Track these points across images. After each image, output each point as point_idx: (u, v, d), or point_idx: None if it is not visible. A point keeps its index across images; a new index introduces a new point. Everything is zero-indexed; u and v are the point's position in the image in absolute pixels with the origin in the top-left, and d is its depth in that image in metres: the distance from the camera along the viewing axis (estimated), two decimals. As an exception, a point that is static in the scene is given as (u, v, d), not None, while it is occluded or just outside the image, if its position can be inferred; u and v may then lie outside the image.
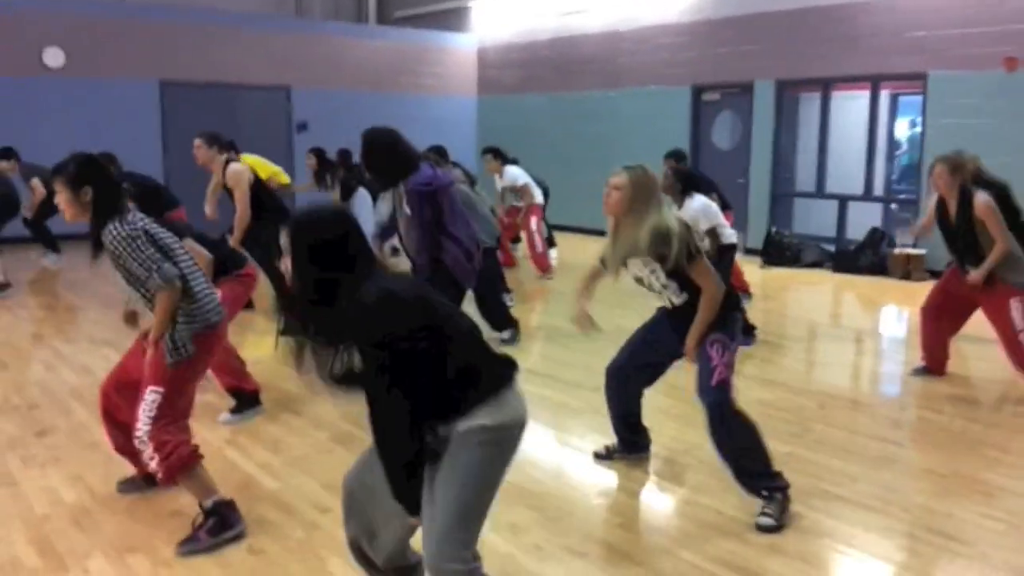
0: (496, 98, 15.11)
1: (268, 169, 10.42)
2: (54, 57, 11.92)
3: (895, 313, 8.40)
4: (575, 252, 10.72)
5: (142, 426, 3.27)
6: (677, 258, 3.45)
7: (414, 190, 4.71)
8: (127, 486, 3.84)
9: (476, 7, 15.32)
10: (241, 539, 3.34)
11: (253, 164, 10.40)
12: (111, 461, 4.00)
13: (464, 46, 15.52)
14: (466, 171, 7.67)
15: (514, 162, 9.79)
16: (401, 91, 14.71)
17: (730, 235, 6.40)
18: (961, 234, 5.21)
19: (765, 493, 3.51)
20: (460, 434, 2.35)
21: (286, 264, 2.39)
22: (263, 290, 7.52)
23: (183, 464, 3.31)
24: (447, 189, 4.88)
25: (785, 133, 11.41)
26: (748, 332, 6.59)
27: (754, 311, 7.71)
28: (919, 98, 10.17)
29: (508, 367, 2.48)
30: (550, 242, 10.60)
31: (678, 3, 12.07)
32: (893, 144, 12.39)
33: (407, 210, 4.85)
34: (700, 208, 6.20)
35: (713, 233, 6.21)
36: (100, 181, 3.29)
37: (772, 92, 11.15)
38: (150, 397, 3.28)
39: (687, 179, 6.32)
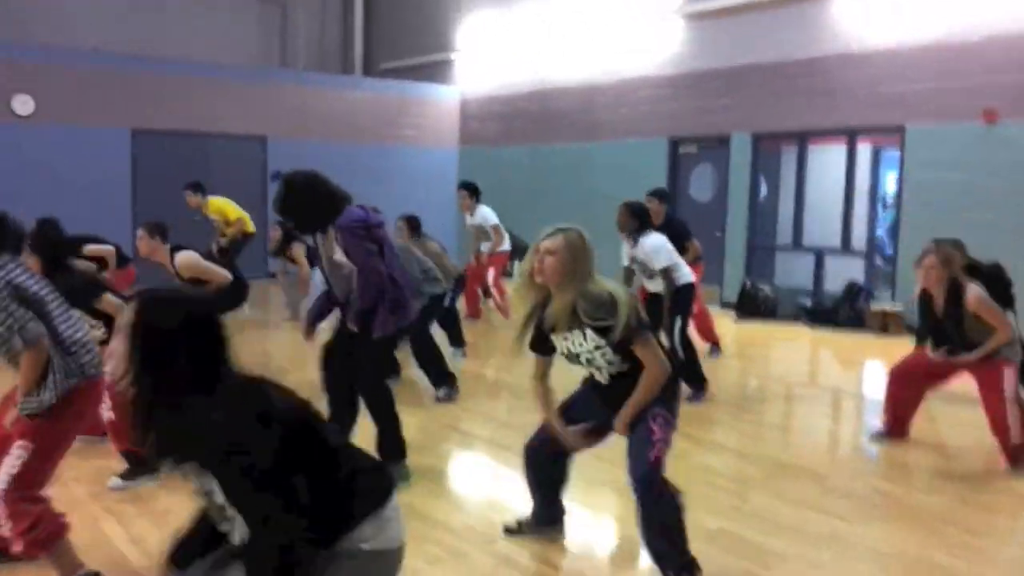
0: (477, 149, 14.94)
1: (237, 212, 10.21)
2: (23, 104, 11.77)
3: (867, 372, 7.97)
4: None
5: (1, 480, 3.02)
6: (625, 329, 3.06)
7: (347, 227, 4.32)
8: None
9: (460, 60, 15.24)
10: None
11: (222, 206, 10.21)
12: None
13: (447, 98, 15.39)
14: (441, 244, 7.46)
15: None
16: (382, 142, 14.56)
17: (687, 275, 6.11)
18: (952, 328, 4.85)
19: None
20: (337, 555, 2.07)
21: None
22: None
23: (51, 539, 3.04)
24: (382, 228, 4.53)
25: (763, 186, 11.15)
26: (699, 385, 6.21)
27: (719, 367, 7.35)
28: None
29: (388, 480, 2.25)
30: None
31: (655, 57, 11.92)
32: (878, 198, 12.07)
33: (337, 254, 4.48)
34: (654, 246, 5.95)
35: (667, 273, 5.93)
36: None
37: (749, 145, 10.92)
38: (16, 451, 3.05)
39: (642, 215, 6.05)
